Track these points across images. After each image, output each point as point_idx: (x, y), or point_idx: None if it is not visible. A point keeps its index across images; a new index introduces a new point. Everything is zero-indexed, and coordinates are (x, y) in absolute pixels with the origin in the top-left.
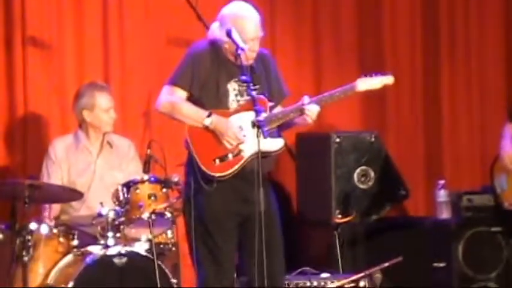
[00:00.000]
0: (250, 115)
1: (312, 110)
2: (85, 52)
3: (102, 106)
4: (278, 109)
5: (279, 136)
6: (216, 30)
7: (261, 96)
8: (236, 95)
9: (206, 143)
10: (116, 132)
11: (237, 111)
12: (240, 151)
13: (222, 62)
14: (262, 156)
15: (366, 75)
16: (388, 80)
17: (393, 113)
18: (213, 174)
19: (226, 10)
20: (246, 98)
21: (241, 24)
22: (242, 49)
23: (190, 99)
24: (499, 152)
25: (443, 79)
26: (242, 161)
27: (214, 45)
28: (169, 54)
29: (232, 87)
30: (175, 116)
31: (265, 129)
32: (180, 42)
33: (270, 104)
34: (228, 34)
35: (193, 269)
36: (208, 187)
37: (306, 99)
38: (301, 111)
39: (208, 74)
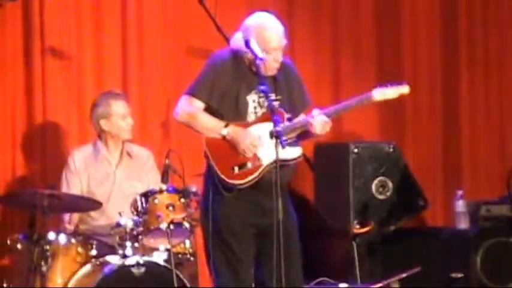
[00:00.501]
0: (268, 126)
1: (318, 122)
2: (104, 62)
3: (119, 113)
4: (298, 119)
5: (297, 144)
6: (238, 41)
7: (279, 108)
8: (255, 107)
9: (224, 153)
10: (135, 142)
11: (254, 122)
12: (258, 159)
13: (243, 73)
14: (281, 164)
15: (381, 85)
16: (404, 89)
17: (412, 123)
18: (232, 182)
19: (250, 20)
20: (265, 109)
21: (264, 34)
22: (261, 59)
23: (209, 110)
24: None
25: (462, 89)
26: (261, 169)
27: (236, 55)
28: (188, 64)
29: (252, 98)
30: (192, 127)
31: (284, 139)
32: (199, 53)
33: (287, 115)
34: (247, 44)
35: (211, 279)
36: (227, 196)
37: (315, 112)
38: (310, 124)
39: (228, 85)
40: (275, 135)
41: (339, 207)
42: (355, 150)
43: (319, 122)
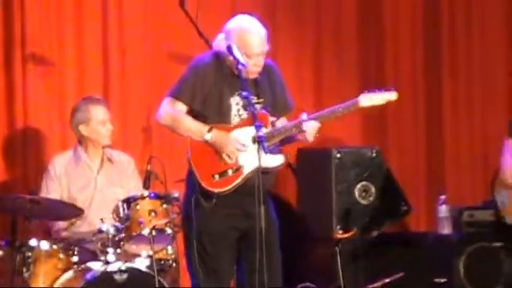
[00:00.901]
0: (252, 130)
1: (311, 127)
2: (85, 68)
3: (98, 119)
4: (281, 122)
5: (280, 152)
6: (221, 43)
7: (263, 111)
8: (238, 110)
9: (207, 158)
10: (116, 148)
11: (238, 125)
12: (239, 167)
13: (225, 75)
14: (262, 172)
15: (368, 91)
16: (392, 96)
17: (395, 128)
18: (212, 190)
19: (232, 24)
20: (249, 111)
21: (247, 39)
22: (243, 65)
23: (192, 112)
24: (499, 166)
25: (445, 94)
26: (242, 177)
27: (219, 58)
28: (170, 69)
29: (235, 101)
30: (175, 130)
31: (266, 144)
32: (180, 58)
33: (272, 118)
34: (229, 50)
35: (192, 284)
36: (207, 203)
37: (304, 116)
38: (300, 129)
39: (211, 88)
40: (257, 140)
41: (322, 212)
42: (338, 155)
43: (311, 128)
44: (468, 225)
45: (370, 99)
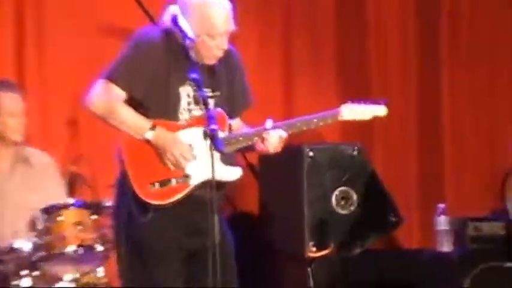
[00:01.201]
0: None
1: (274, 137)
2: None
3: (8, 109)
4: (237, 124)
5: (236, 164)
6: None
7: (219, 110)
8: (189, 103)
9: (146, 161)
10: (33, 146)
11: (188, 125)
12: (186, 176)
13: (176, 58)
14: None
15: (352, 101)
16: (380, 111)
17: (380, 121)
18: (148, 201)
19: None
20: (201, 107)
21: (209, 14)
22: (190, 39)
23: (130, 101)
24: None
25: (443, 82)
26: (187, 190)
27: (169, 35)
28: (101, 46)
29: (186, 92)
30: (108, 120)
31: (219, 140)
32: (115, 32)
33: (229, 121)
34: (174, 21)
35: None
36: (142, 217)
37: (268, 123)
38: (261, 138)
39: (157, 72)
40: (209, 134)
41: (291, 225)
42: (311, 153)
43: (275, 138)
44: (473, 241)
45: (353, 112)
